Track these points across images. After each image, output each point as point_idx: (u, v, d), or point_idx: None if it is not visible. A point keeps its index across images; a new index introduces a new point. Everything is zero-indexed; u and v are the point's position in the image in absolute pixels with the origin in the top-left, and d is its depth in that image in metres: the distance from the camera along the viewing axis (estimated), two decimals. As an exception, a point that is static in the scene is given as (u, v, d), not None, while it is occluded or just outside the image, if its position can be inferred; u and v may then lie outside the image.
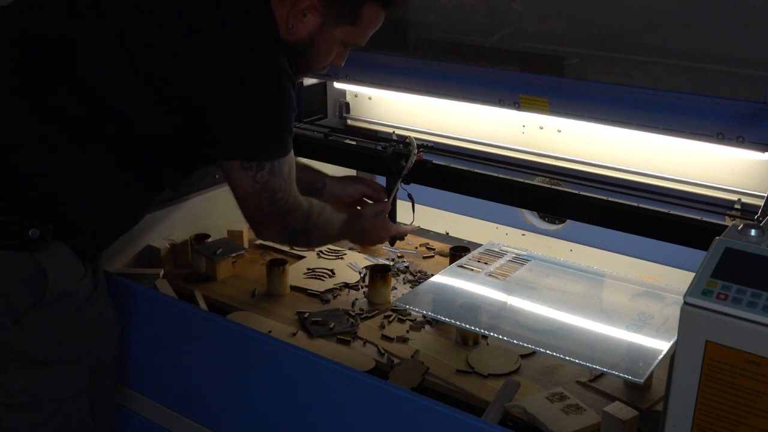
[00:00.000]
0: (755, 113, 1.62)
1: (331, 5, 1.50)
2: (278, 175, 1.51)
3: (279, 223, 1.57)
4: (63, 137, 1.41)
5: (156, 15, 1.41)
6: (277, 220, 1.56)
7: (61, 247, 1.45)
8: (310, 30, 1.51)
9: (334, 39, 1.55)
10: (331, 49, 1.57)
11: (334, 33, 1.53)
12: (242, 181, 1.50)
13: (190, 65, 1.38)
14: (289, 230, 1.61)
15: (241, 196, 1.53)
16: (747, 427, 1.09)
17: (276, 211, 1.55)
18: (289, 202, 1.56)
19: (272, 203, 1.53)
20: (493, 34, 2.15)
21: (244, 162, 1.47)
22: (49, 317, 1.45)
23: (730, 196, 1.84)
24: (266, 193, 1.51)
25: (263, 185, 1.50)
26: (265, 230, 1.60)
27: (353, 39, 1.57)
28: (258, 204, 1.52)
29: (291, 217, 1.58)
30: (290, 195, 1.56)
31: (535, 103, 1.90)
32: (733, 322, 1.07)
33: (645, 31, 1.92)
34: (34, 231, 1.39)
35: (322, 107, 2.49)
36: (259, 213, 1.54)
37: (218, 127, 1.45)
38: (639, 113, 1.76)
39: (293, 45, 1.51)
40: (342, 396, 1.45)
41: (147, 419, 1.80)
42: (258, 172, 1.48)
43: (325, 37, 1.53)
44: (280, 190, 1.53)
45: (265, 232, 1.60)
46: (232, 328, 1.62)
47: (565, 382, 1.58)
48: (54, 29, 1.43)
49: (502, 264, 1.93)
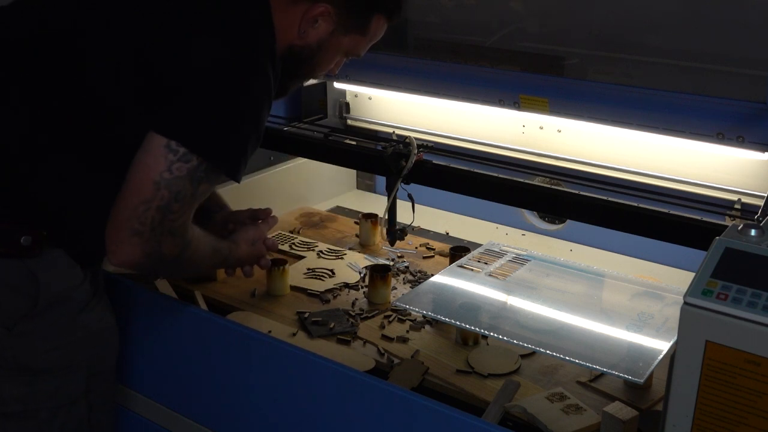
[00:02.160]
0: (755, 113, 1.62)
1: (345, 14, 1.50)
2: (194, 183, 1.33)
3: (152, 239, 1.32)
4: (55, 141, 1.39)
5: (156, 15, 1.39)
6: (153, 236, 1.32)
7: (56, 254, 1.42)
8: (321, 37, 1.51)
9: (340, 47, 1.55)
10: (334, 57, 1.57)
11: (342, 41, 1.54)
12: (153, 161, 1.30)
13: (189, 65, 1.35)
14: (159, 256, 1.36)
15: (138, 181, 1.30)
16: (747, 427, 1.09)
17: (159, 223, 1.32)
18: (177, 222, 1.35)
19: (164, 210, 1.31)
20: (493, 34, 2.15)
21: (172, 141, 1.30)
22: (43, 325, 1.42)
23: (730, 196, 1.85)
24: (167, 192, 1.30)
25: (173, 180, 1.30)
26: (127, 243, 1.32)
27: (357, 48, 1.58)
28: (149, 199, 1.29)
29: (169, 240, 1.35)
30: (184, 215, 1.36)
31: (535, 103, 1.90)
32: (733, 322, 1.07)
33: (645, 31, 1.92)
34: (26, 238, 1.36)
35: (322, 107, 2.49)
36: (142, 214, 1.30)
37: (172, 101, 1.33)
38: (639, 113, 1.76)
39: (300, 50, 1.51)
40: (342, 396, 1.45)
41: (147, 419, 1.80)
42: (179, 160, 1.30)
43: (333, 45, 1.53)
44: (182, 200, 1.33)
45: (127, 247, 1.32)
46: (232, 328, 1.62)
47: (565, 382, 1.58)
48: (49, 30, 1.41)
49: (502, 264, 1.93)
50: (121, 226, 1.32)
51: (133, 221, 1.31)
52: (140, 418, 1.81)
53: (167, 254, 1.37)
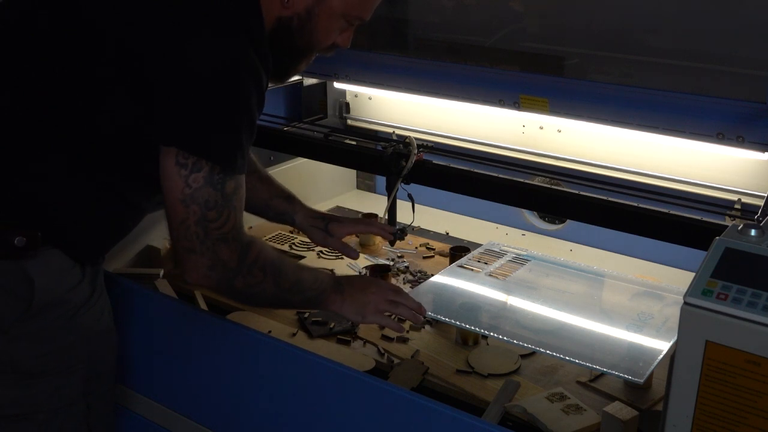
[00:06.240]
0: (755, 113, 1.62)
1: None
2: (217, 188, 1.31)
3: (206, 251, 1.32)
4: (46, 140, 1.36)
5: (140, 9, 1.34)
6: (203, 248, 1.32)
7: (52, 254, 1.39)
8: (307, 3, 1.41)
9: (334, 11, 1.43)
10: (331, 23, 1.45)
11: (332, 4, 1.42)
12: (173, 182, 1.30)
13: (179, 66, 1.30)
14: (222, 266, 1.34)
15: (170, 206, 1.32)
16: (747, 427, 1.09)
17: (204, 235, 1.31)
18: (224, 228, 1.33)
19: (201, 222, 1.31)
20: (493, 34, 2.15)
21: (180, 154, 1.29)
22: (37, 327, 1.40)
23: (730, 196, 1.85)
24: (196, 206, 1.30)
25: (194, 192, 1.29)
26: (187, 261, 1.33)
27: (355, 10, 1.45)
28: (185, 218, 1.30)
29: (224, 247, 1.33)
30: (228, 220, 1.33)
31: (535, 103, 1.90)
32: (733, 322, 1.07)
33: (645, 31, 1.92)
34: (19, 239, 1.33)
35: (322, 107, 2.49)
36: (184, 233, 1.31)
37: (161, 105, 1.31)
38: (639, 113, 1.76)
39: (289, 21, 1.42)
40: (342, 396, 1.45)
41: (147, 419, 1.79)
42: (192, 172, 1.29)
43: (324, 10, 1.42)
44: (215, 208, 1.31)
45: (188, 265, 1.33)
46: (232, 328, 1.62)
47: (565, 382, 1.58)
48: (36, 28, 1.39)
49: (502, 264, 1.93)
50: (177, 249, 1.35)
51: (182, 241, 1.33)
52: (140, 418, 1.81)
53: (228, 261, 1.35)
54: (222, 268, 1.34)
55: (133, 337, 1.73)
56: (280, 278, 1.44)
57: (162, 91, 1.31)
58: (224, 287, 1.39)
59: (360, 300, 1.53)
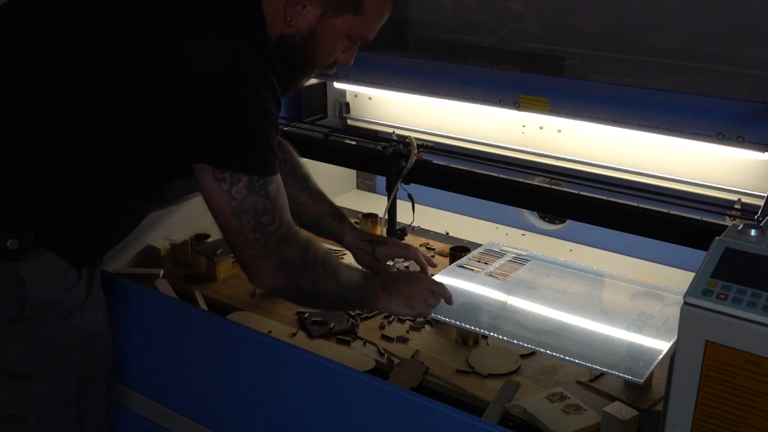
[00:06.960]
0: (755, 113, 1.62)
1: None
2: (261, 193, 1.33)
3: (272, 254, 1.35)
4: (39, 144, 1.36)
5: (146, 15, 1.34)
6: (269, 252, 1.35)
7: (46, 257, 1.39)
8: (310, 22, 1.41)
9: (337, 31, 1.44)
10: (334, 43, 1.46)
11: (336, 24, 1.43)
12: (217, 198, 1.32)
13: (185, 77, 1.30)
14: (288, 265, 1.38)
15: (222, 221, 1.35)
16: (747, 427, 1.09)
17: (265, 239, 1.34)
18: (282, 228, 1.36)
19: (258, 228, 1.34)
20: (493, 34, 2.15)
21: (215, 171, 1.31)
22: (30, 329, 1.39)
23: (730, 196, 1.85)
24: (248, 214, 1.32)
25: (241, 203, 1.32)
26: (255, 267, 1.36)
27: (358, 31, 1.46)
28: (241, 229, 1.33)
29: (285, 246, 1.36)
30: (282, 220, 1.36)
31: (535, 103, 1.90)
32: (733, 322, 1.07)
33: (645, 31, 1.92)
34: (12, 242, 1.33)
35: (322, 107, 2.49)
36: (245, 242, 1.34)
37: (175, 123, 1.32)
38: (639, 113, 1.76)
39: (291, 39, 1.42)
40: (342, 396, 1.45)
41: (147, 419, 1.80)
42: (233, 185, 1.31)
43: (327, 30, 1.43)
44: (266, 212, 1.34)
45: (257, 270, 1.36)
46: (232, 328, 1.62)
47: (565, 382, 1.58)
48: (36, 28, 1.38)
49: (502, 264, 1.93)
50: (241, 259, 1.38)
51: (246, 251, 1.35)
52: (139, 418, 1.81)
53: (293, 260, 1.38)
54: (288, 267, 1.38)
55: (133, 336, 1.73)
56: (337, 276, 1.46)
57: (162, 93, 1.31)
58: (292, 288, 1.42)
59: (406, 294, 1.56)
